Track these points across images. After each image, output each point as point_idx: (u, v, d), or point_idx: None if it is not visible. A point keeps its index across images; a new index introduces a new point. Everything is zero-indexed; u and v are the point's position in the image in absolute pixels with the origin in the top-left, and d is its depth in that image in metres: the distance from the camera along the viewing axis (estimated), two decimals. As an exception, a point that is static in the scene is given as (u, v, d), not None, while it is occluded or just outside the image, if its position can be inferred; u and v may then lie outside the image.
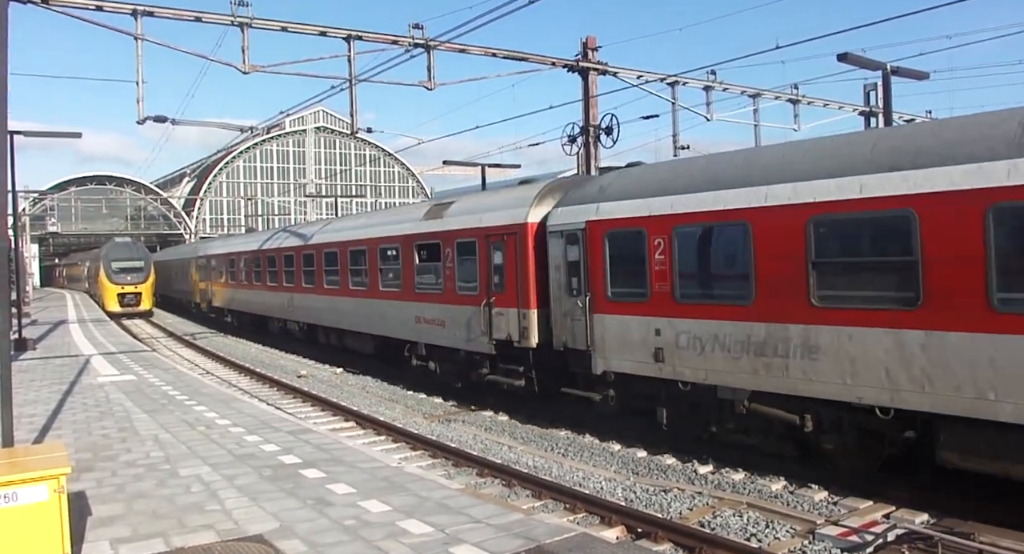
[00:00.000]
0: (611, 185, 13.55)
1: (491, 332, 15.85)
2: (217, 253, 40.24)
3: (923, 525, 8.91)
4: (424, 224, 18.71)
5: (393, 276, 20.45)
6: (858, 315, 9.54)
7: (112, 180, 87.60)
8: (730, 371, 11.01)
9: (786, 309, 10.21)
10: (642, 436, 13.44)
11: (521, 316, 15.06)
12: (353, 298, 22.85)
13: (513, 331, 15.26)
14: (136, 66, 18.66)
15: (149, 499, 8.60)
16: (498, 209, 16.09)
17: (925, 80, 20.37)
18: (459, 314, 17.01)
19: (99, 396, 16.07)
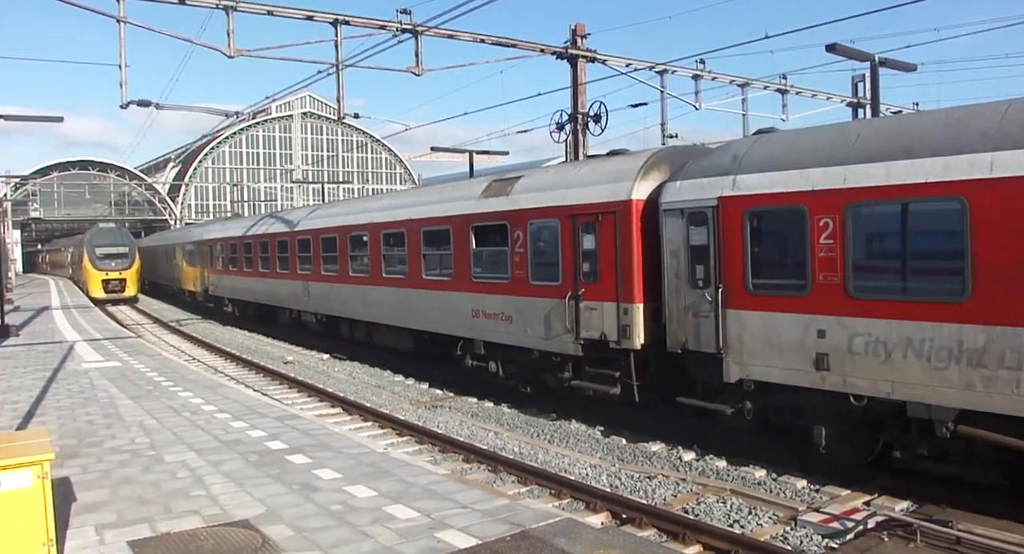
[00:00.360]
0: (749, 154, 11.24)
1: (578, 330, 13.40)
2: (216, 237, 36.92)
3: (903, 512, 9.02)
4: (484, 203, 16.07)
5: (441, 263, 17.71)
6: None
7: (95, 165, 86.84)
8: (930, 384, 8.89)
9: (1019, 308, 8.21)
10: (627, 423, 13.51)
11: (621, 312, 12.64)
12: (388, 288, 20.03)
13: (609, 329, 12.84)
14: (119, 49, 18.48)
15: (135, 485, 8.60)
16: (589, 184, 13.55)
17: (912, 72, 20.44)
18: (533, 308, 14.54)
19: (83, 382, 16.01)
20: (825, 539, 8.46)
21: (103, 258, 48.84)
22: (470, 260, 16.53)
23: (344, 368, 21.84)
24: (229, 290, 35.15)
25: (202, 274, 39.33)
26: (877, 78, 18.38)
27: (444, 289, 17.47)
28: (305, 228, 25.74)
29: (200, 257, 39.67)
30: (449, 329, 17.41)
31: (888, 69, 18.92)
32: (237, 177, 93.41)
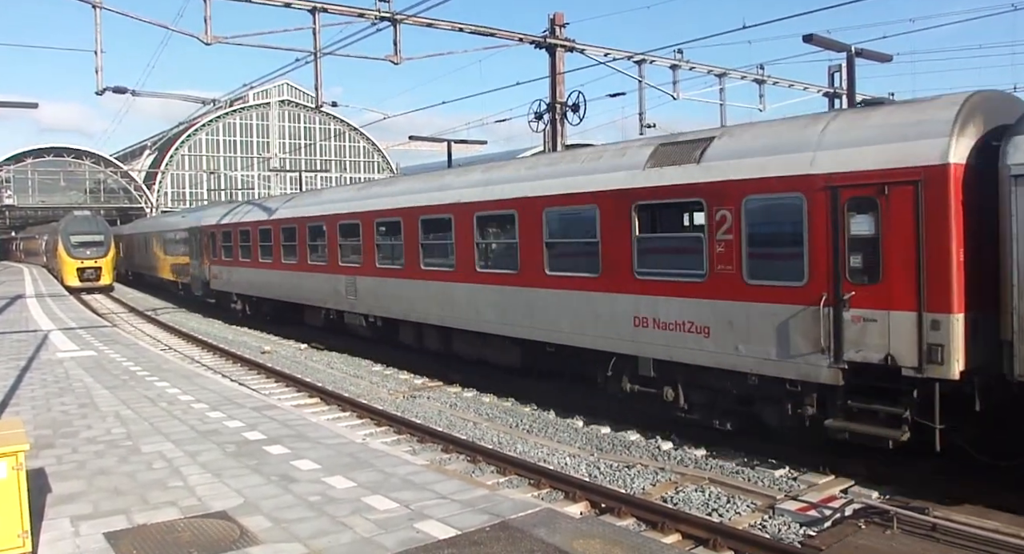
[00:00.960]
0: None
1: (839, 349, 9.59)
2: (221, 223, 31.45)
3: (879, 500, 9.12)
4: (655, 174, 12.07)
5: (579, 254, 13.69)
6: None
7: (70, 152, 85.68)
8: None
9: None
10: (607, 413, 13.55)
11: (927, 325, 8.86)
12: (486, 286, 15.54)
13: (901, 349, 9.04)
14: (95, 35, 18.25)
15: (111, 476, 8.52)
16: (860, 144, 9.65)
17: (888, 62, 20.57)
18: (749, 316, 10.64)
19: (58, 372, 15.84)
20: (803, 527, 8.54)
21: (78, 246, 48.29)
22: (632, 250, 12.35)
23: (322, 358, 21.75)
24: (238, 284, 29.74)
25: (201, 266, 34.03)
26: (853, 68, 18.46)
27: (585, 289, 13.27)
28: (352, 211, 20.76)
29: (197, 246, 34.72)
30: (594, 341, 13.15)
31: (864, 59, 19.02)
32: (214, 165, 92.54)
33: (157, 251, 45.47)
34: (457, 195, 16.47)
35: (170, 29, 18.95)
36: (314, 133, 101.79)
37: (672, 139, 12.76)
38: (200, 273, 33.88)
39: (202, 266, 33.74)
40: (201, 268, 33.94)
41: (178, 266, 39.61)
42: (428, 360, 18.67)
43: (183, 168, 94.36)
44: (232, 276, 30.17)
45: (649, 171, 12.20)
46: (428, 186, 17.95)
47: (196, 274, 34.79)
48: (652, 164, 12.20)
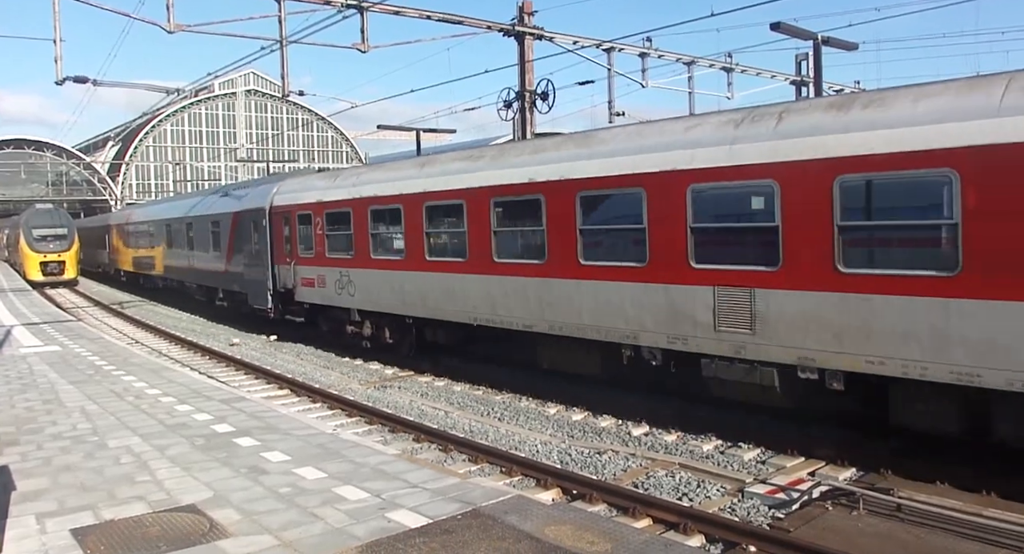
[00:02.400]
0: None
1: None
2: (327, 201, 19.59)
3: (846, 482, 9.24)
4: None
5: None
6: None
7: (31, 144, 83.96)
8: None
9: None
10: (577, 399, 13.60)
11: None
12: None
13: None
14: (54, 23, 17.94)
15: (77, 472, 8.41)
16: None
17: (854, 51, 20.78)
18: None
19: (21, 368, 15.59)
20: (772, 510, 8.64)
21: (40, 240, 47.43)
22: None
23: (292, 349, 21.61)
24: (365, 296, 18.38)
25: (277, 266, 22.28)
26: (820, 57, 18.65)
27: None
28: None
29: (262, 238, 22.97)
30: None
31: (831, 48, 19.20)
32: (179, 156, 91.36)
33: (169, 247, 34.35)
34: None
35: (132, 17, 18.70)
36: (281, 123, 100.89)
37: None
38: (267, 278, 22.32)
39: (279, 267, 22.01)
40: (276, 270, 22.18)
41: (209, 267, 28.48)
42: (398, 351, 18.60)
43: (148, 159, 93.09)
44: (350, 283, 18.65)
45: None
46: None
47: (256, 279, 23.10)
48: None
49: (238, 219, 24.89)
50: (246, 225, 24.02)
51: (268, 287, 22.40)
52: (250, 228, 23.62)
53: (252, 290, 23.68)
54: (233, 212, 25.40)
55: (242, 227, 24.44)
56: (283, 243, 21.57)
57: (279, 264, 21.95)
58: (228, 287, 26.33)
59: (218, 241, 26.91)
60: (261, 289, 22.84)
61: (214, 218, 27.77)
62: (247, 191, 25.77)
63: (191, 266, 30.86)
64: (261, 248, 22.80)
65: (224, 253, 26.20)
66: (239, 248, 24.86)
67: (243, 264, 24.47)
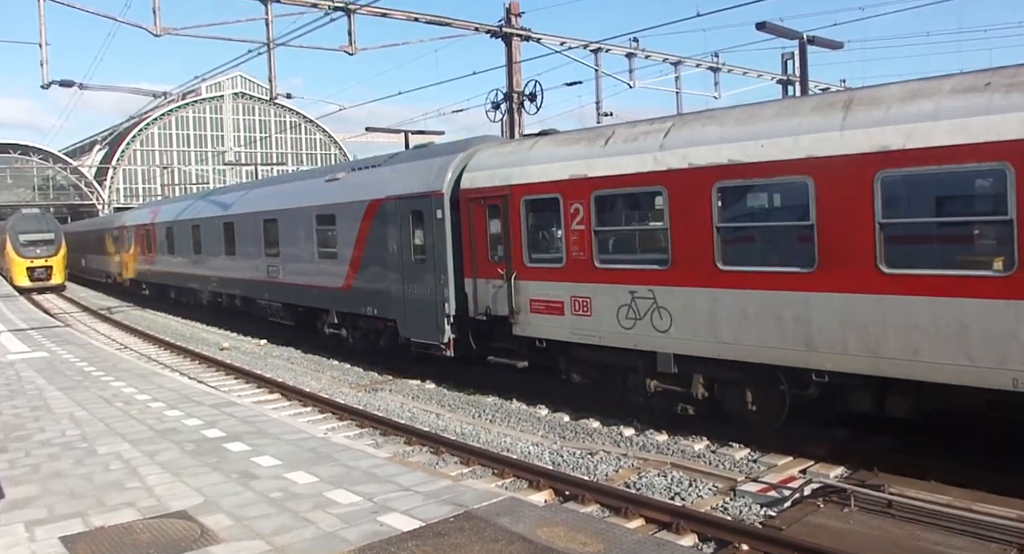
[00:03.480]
0: None
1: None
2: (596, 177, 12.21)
3: (837, 479, 9.26)
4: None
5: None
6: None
7: (17, 148, 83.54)
8: None
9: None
10: (568, 400, 13.60)
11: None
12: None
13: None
14: (39, 27, 17.84)
15: (66, 479, 8.36)
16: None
17: (840, 50, 20.86)
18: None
19: (9, 374, 15.49)
20: (764, 508, 8.66)
21: (27, 245, 47.16)
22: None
23: (282, 353, 21.54)
24: (658, 333, 11.46)
25: (454, 283, 15.19)
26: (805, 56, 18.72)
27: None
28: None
29: (416, 237, 16.27)
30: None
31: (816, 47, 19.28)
32: (167, 159, 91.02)
33: (231, 252, 25.93)
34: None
35: (118, 20, 18.60)
36: (269, 125, 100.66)
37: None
38: (439, 297, 15.31)
39: (475, 281, 14.60)
40: (469, 286, 14.76)
41: (312, 281, 20.36)
42: (388, 354, 18.57)
43: (135, 163, 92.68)
44: (657, 309, 11.40)
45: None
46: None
47: (418, 298, 15.95)
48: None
49: (378, 211, 17.04)
50: (396, 219, 16.39)
51: (443, 311, 14.95)
52: (406, 223, 16.08)
53: (408, 315, 16.06)
54: (367, 201, 17.44)
55: (386, 222, 16.77)
56: (486, 245, 14.22)
57: (476, 277, 14.40)
58: (353, 309, 18.44)
59: (331, 243, 19.27)
60: (427, 314, 15.40)
61: (324, 211, 19.55)
62: (386, 170, 17.57)
63: (273, 278, 22.48)
64: (431, 253, 15.36)
65: (345, 260, 18.39)
66: (378, 253, 17.08)
67: (387, 276, 16.71)
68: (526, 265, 13.44)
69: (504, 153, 14.28)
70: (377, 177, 17.77)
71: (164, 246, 33.16)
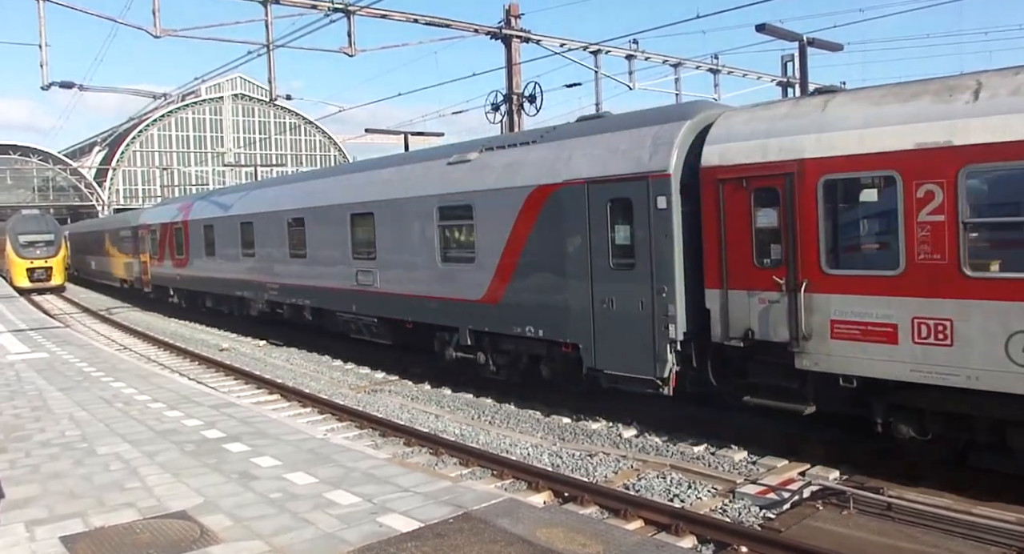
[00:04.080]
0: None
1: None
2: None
3: (836, 481, 9.28)
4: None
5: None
6: None
7: (17, 149, 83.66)
8: None
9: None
10: (568, 403, 13.61)
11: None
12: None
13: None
14: (39, 28, 17.86)
15: (66, 479, 8.36)
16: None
17: (840, 51, 20.89)
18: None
19: (8, 375, 15.49)
20: (763, 510, 8.66)
21: (27, 246, 47.18)
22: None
23: (281, 354, 21.54)
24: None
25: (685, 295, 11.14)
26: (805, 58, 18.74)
27: None
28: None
29: (618, 235, 12.13)
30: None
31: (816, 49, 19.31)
32: (167, 161, 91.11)
33: (302, 254, 20.88)
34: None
35: (118, 22, 18.63)
36: (268, 127, 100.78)
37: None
38: (660, 317, 11.30)
39: (750, 297, 10.41)
40: (732, 301, 10.59)
41: (432, 291, 15.93)
42: (389, 356, 18.57)
43: (135, 164, 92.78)
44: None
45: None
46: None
47: (621, 318, 11.91)
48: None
49: (548, 200, 12.93)
50: (582, 210, 12.28)
51: (663, 334, 11.11)
52: (599, 216, 12.02)
53: (601, 339, 12.12)
54: (529, 188, 13.33)
55: (562, 215, 12.67)
56: (749, 243, 10.39)
57: (727, 287, 10.49)
58: (500, 327, 14.15)
59: (463, 243, 15.25)
60: (634, 337, 11.51)
61: (453, 202, 15.15)
62: (553, 147, 13.34)
63: (366, 287, 17.93)
64: (643, 255, 11.38)
65: (488, 265, 14.22)
66: (546, 256, 13.03)
67: (565, 286, 12.65)
68: (825, 272, 9.62)
69: (777, 116, 10.34)
70: (538, 156, 13.45)
71: (200, 248, 28.23)
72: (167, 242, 31.97)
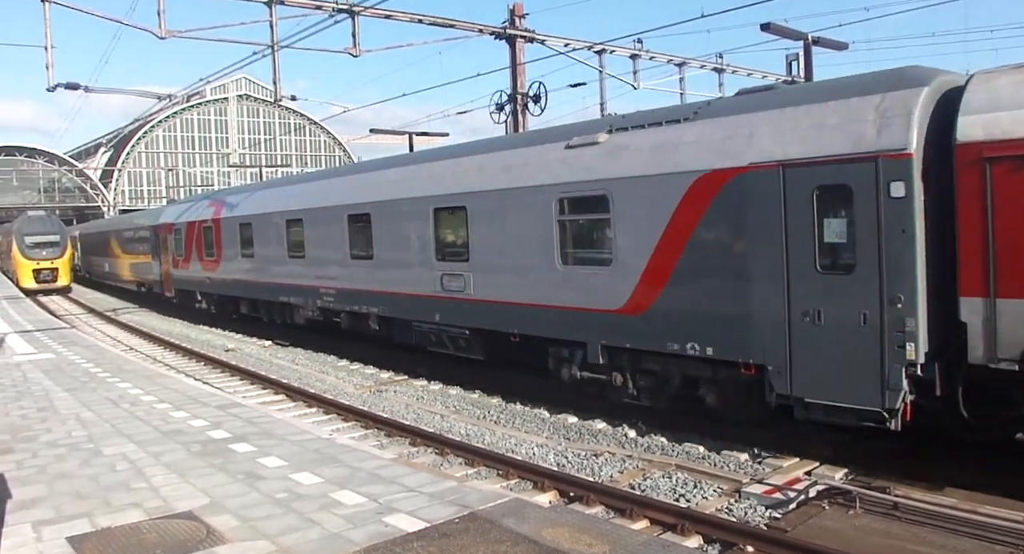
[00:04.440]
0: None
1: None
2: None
3: (842, 480, 9.27)
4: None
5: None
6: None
7: (23, 150, 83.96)
8: None
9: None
10: (572, 402, 13.60)
11: None
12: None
13: None
14: (44, 30, 17.91)
15: (72, 479, 8.38)
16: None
17: (844, 50, 20.87)
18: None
19: (15, 375, 15.53)
20: (768, 510, 8.65)
21: (33, 247, 47.34)
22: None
23: (287, 354, 21.57)
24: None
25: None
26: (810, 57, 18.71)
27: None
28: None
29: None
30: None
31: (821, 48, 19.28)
32: (172, 162, 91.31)
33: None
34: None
35: (123, 23, 18.68)
36: (273, 127, 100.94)
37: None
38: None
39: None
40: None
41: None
42: (393, 355, 18.59)
43: (140, 165, 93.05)
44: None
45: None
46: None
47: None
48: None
49: (723, 189, 10.50)
50: (774, 200, 9.90)
51: (894, 354, 8.94)
52: (800, 207, 9.71)
53: (800, 360, 9.76)
54: (694, 175, 10.88)
55: (743, 206, 10.27)
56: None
57: (996, 296, 8.43)
58: (646, 343, 11.65)
59: (596, 241, 12.95)
60: (851, 358, 9.26)
61: (581, 192, 12.65)
62: (721, 124, 10.91)
63: (454, 293, 15.28)
64: (866, 255, 9.20)
65: (631, 268, 11.72)
66: (718, 256, 10.58)
67: (747, 294, 10.21)
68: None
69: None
70: (699, 135, 10.97)
71: (236, 248, 25.18)
72: (194, 242, 28.66)
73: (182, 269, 30.21)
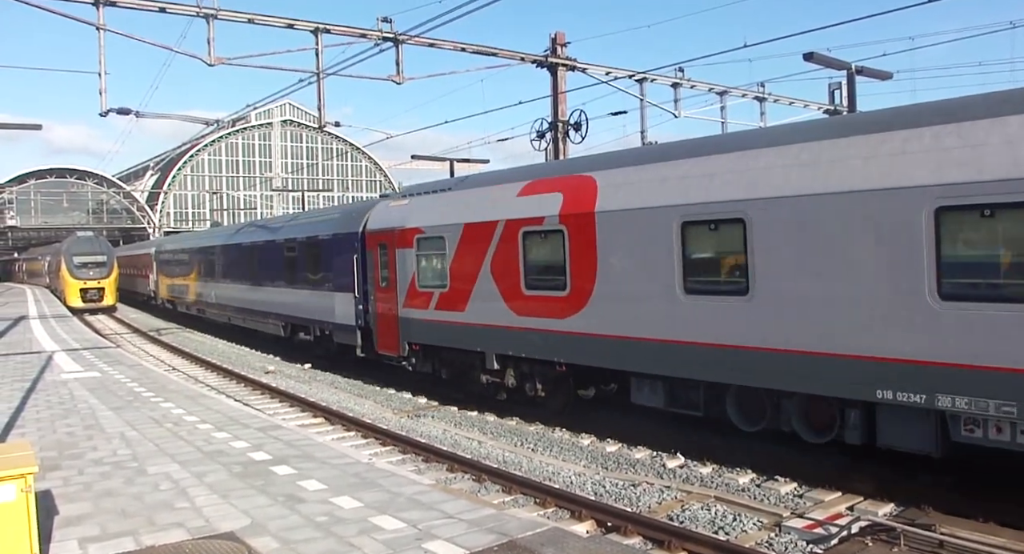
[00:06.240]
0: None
1: None
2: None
3: (886, 517, 9.09)
4: None
5: None
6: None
7: (73, 173, 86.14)
8: None
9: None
10: (611, 431, 13.53)
11: None
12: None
13: None
14: (99, 57, 18.43)
15: (117, 497, 8.52)
16: None
17: (888, 80, 20.70)
18: None
19: (63, 393, 15.85)
20: (809, 545, 8.51)
21: (81, 267, 48.41)
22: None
23: (326, 378, 21.74)
24: None
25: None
26: (853, 86, 18.59)
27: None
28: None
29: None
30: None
31: (864, 77, 19.15)
32: (216, 185, 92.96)
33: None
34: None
35: (174, 50, 19.16)
36: (316, 153, 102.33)
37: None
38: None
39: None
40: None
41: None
42: (430, 380, 18.64)
43: (185, 188, 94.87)
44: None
45: None
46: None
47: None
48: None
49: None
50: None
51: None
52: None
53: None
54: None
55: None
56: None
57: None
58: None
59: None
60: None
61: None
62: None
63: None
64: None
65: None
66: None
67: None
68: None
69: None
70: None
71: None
72: (489, 260, 15.07)
73: (447, 311, 16.38)
